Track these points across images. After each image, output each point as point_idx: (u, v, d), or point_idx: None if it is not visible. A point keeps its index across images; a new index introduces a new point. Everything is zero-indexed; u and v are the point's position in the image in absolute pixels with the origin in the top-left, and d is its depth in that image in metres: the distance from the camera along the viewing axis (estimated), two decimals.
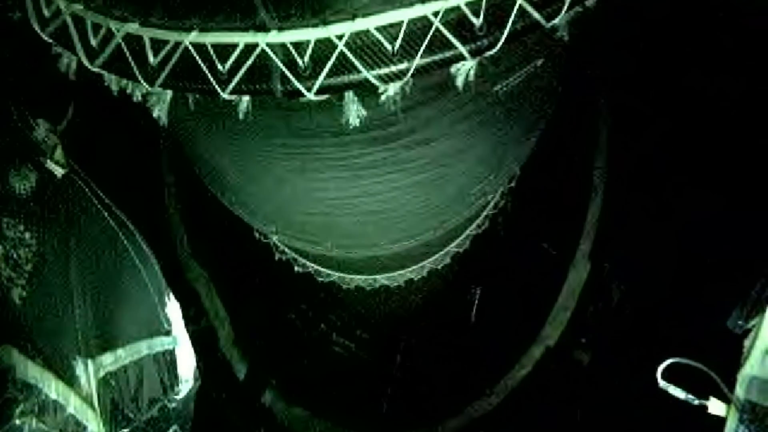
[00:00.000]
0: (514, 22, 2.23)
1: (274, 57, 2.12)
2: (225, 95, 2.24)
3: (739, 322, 2.89)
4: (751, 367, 2.72)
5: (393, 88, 2.22)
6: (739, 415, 2.74)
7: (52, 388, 2.86)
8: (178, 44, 2.27)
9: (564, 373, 5.44)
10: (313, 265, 6.33)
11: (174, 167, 6.16)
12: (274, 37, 2.07)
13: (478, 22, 2.17)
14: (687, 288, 4.76)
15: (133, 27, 2.39)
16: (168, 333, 3.98)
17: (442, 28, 2.09)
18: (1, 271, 2.95)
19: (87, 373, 3.14)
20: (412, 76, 2.19)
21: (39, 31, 2.80)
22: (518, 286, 6.10)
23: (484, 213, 6.10)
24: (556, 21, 2.37)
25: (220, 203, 4.49)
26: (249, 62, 2.13)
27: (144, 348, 3.68)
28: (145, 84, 2.43)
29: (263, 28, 2.07)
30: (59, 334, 3.11)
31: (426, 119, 2.99)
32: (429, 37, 2.08)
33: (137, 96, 2.67)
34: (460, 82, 2.35)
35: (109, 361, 3.35)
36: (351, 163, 3.18)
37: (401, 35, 2.09)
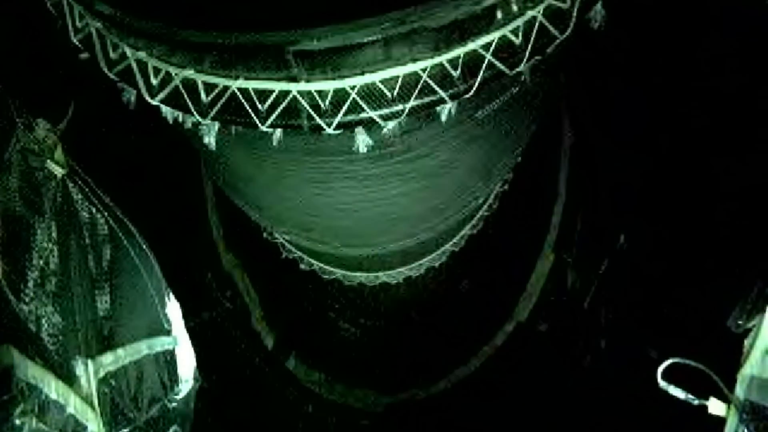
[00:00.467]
0: (484, 73, 2.95)
1: (302, 101, 2.81)
2: (263, 128, 2.92)
3: (739, 322, 2.88)
4: (751, 367, 2.71)
5: (392, 123, 2.95)
6: (739, 415, 2.72)
7: (52, 388, 2.80)
8: (226, 88, 2.95)
9: (529, 340, 6.55)
10: (317, 263, 7.04)
11: (212, 181, 7.10)
12: (303, 86, 2.75)
13: (456, 73, 2.86)
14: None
15: (189, 72, 3.07)
16: (168, 333, 3.97)
17: (428, 79, 2.77)
18: (2, 270, 2.85)
19: (87, 373, 3.09)
20: (407, 114, 2.91)
21: (105, 71, 3.53)
22: (498, 274, 7.05)
23: (479, 214, 6.78)
24: (519, 69, 3.11)
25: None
26: (284, 104, 2.81)
27: (144, 348, 3.66)
28: (198, 117, 3.13)
29: (295, 79, 2.74)
30: (59, 334, 3.06)
31: (419, 140, 3.65)
32: (419, 86, 2.78)
33: (188, 124, 3.40)
34: (443, 117, 3.04)
35: (109, 361, 3.31)
36: (357, 175, 3.83)
37: (398, 85, 2.77)
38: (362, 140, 2.98)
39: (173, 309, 4.04)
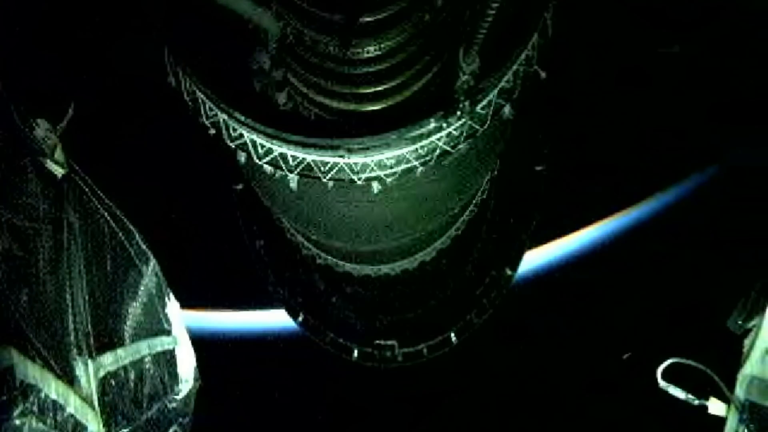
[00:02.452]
0: (438, 151, 5.88)
1: (346, 168, 5.46)
2: (325, 180, 6.00)
3: (739, 322, 3.05)
4: (751, 367, 2.85)
5: (391, 178, 6.10)
6: (739, 415, 2.88)
7: (52, 388, 2.88)
8: (305, 158, 5.84)
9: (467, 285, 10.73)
10: (332, 258, 10.18)
11: None
12: (347, 160, 5.28)
13: (424, 152, 5.83)
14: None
15: (283, 150, 6.18)
16: (168, 333, 4.20)
17: (409, 157, 5.55)
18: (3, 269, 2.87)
19: (87, 373, 3.20)
20: (399, 173, 6.08)
21: (228, 143, 6.69)
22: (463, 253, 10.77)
23: (462, 218, 9.90)
24: (459, 147, 6.33)
25: None
26: (335, 168, 5.49)
27: (144, 348, 3.85)
28: (287, 172, 6.15)
29: (342, 157, 5.39)
30: (59, 334, 3.15)
31: (407, 179, 6.57)
32: (405, 160, 5.63)
33: (277, 175, 6.55)
34: (418, 173, 6.22)
35: (109, 361, 3.45)
36: (368, 198, 6.62)
37: (395, 160, 5.66)
38: (375, 185, 6.02)
39: (173, 309, 4.23)
